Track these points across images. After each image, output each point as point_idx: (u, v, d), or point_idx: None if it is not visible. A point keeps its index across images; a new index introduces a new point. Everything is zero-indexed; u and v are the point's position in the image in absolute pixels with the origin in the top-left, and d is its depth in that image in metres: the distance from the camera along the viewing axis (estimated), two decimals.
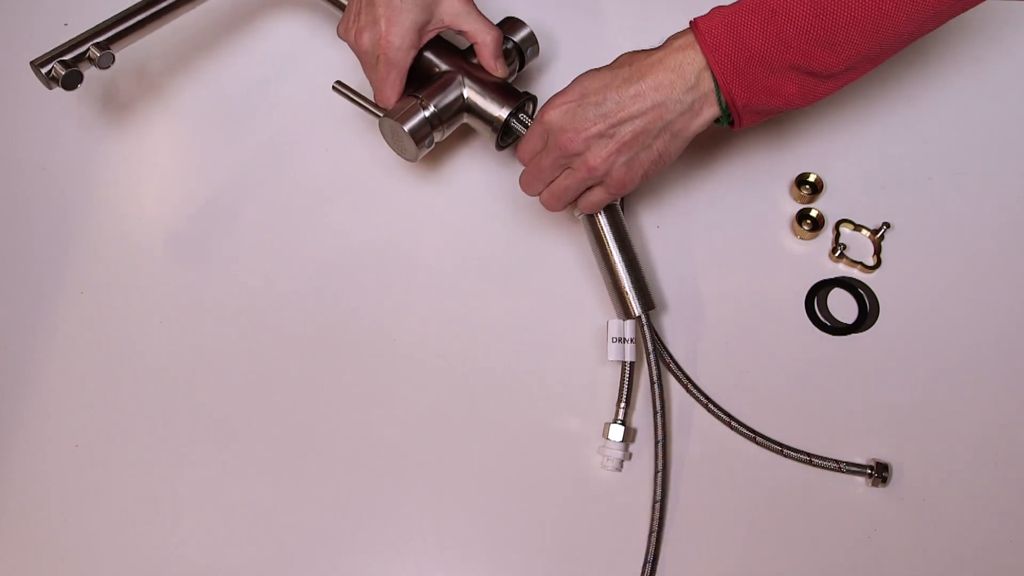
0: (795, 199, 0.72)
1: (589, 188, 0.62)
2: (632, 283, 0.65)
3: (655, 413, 0.64)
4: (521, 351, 0.69)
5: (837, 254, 0.70)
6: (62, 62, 0.63)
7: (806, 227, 0.71)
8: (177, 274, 0.73)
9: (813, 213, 0.71)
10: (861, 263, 0.70)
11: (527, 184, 0.64)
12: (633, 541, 0.63)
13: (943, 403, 0.66)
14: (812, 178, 0.72)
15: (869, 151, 0.74)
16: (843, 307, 0.69)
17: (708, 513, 0.64)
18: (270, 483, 0.66)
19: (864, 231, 0.71)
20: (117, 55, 0.66)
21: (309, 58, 0.80)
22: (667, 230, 0.72)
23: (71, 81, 0.64)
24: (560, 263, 0.71)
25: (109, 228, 0.75)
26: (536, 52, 0.72)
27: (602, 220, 0.65)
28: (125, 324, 0.71)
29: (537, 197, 0.64)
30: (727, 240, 0.71)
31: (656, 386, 0.64)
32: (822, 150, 0.74)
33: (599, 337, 0.69)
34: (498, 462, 0.66)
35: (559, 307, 0.70)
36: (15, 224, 0.75)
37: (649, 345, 0.64)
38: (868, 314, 0.68)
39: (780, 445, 0.64)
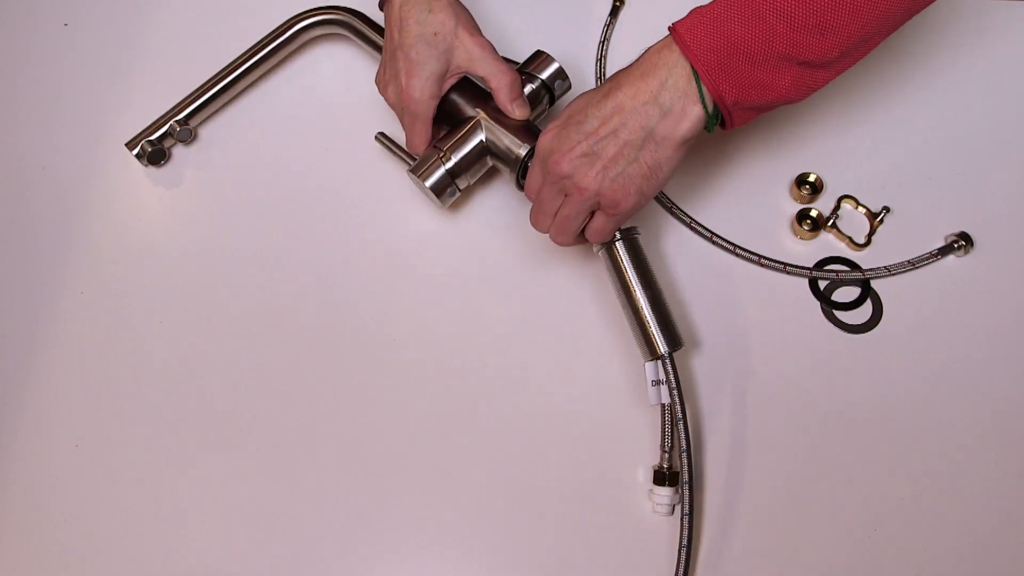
0: (795, 199, 0.72)
1: (592, 215, 0.60)
2: (657, 321, 0.62)
3: (682, 452, 0.60)
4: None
5: (829, 223, 0.70)
6: (149, 141, 0.75)
7: (806, 227, 0.71)
8: (178, 274, 0.73)
9: (813, 213, 0.71)
10: (850, 238, 0.70)
11: (535, 220, 0.63)
12: None
13: (942, 403, 0.66)
14: (812, 178, 0.72)
15: (869, 151, 0.74)
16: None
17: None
18: (274, 483, 0.66)
19: (861, 209, 0.71)
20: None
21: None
22: (667, 229, 0.72)
23: (156, 157, 0.75)
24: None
25: (109, 228, 0.75)
26: (567, 86, 0.70)
27: (621, 251, 0.63)
28: (125, 324, 0.71)
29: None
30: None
31: (681, 424, 0.60)
32: (822, 150, 0.74)
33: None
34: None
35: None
36: (15, 224, 0.75)
37: (673, 383, 0.61)
38: (872, 305, 0.69)
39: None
